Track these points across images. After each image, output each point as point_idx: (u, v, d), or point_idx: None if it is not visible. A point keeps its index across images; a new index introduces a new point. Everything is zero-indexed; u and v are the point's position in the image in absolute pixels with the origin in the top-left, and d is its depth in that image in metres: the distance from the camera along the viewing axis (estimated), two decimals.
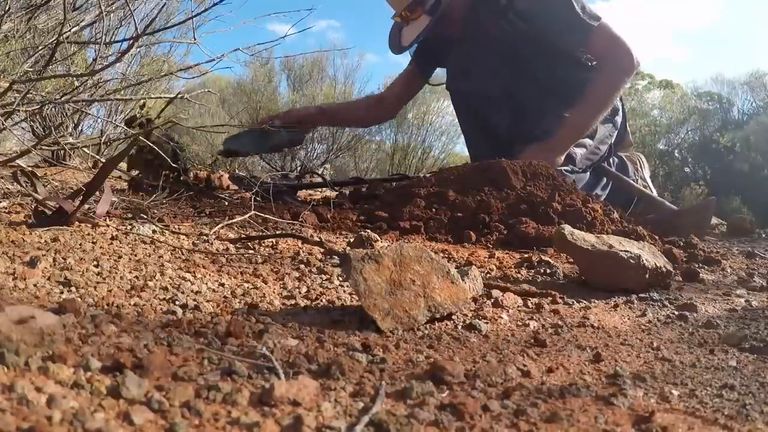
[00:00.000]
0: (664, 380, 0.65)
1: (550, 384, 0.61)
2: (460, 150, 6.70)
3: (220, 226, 1.35)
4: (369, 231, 1.40)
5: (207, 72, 2.06)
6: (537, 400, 0.56)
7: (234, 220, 1.44)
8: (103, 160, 1.53)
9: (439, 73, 2.83)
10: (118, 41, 2.26)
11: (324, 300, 0.89)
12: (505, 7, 2.16)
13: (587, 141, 2.28)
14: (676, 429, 0.52)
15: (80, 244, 1.05)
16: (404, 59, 2.62)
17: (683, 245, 1.60)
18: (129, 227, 1.23)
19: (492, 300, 0.96)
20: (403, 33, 2.33)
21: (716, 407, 0.58)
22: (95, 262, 0.94)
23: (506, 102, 2.33)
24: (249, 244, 1.24)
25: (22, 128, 2.79)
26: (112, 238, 1.13)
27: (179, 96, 1.86)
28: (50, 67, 1.70)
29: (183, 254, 1.08)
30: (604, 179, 2.39)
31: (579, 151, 2.25)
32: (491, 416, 0.52)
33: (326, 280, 1.01)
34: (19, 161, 1.75)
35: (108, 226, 1.22)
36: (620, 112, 2.43)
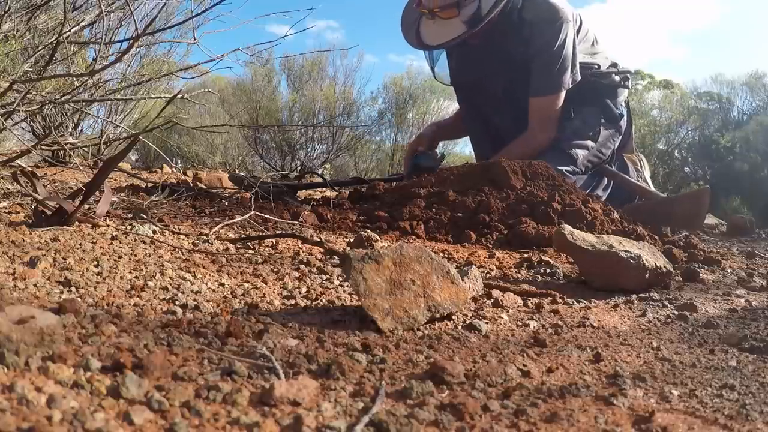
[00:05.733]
0: (664, 380, 0.65)
1: (550, 384, 0.61)
2: (460, 150, 6.70)
3: (220, 226, 1.35)
4: (369, 231, 1.40)
5: (207, 72, 2.06)
6: (537, 400, 0.56)
7: (234, 220, 1.44)
8: (104, 160, 1.53)
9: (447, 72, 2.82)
10: (118, 41, 2.26)
11: (324, 300, 0.89)
12: (516, 30, 2.19)
13: (589, 143, 2.29)
14: (676, 429, 0.52)
15: (80, 244, 1.05)
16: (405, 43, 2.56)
17: (683, 245, 1.60)
18: (129, 227, 1.23)
19: (492, 300, 0.96)
20: (424, 26, 2.27)
21: (716, 407, 0.58)
22: (95, 262, 0.94)
23: (508, 103, 2.34)
24: (249, 244, 1.24)
25: (22, 128, 2.79)
26: (112, 238, 1.13)
27: (179, 96, 1.86)
28: (50, 67, 1.70)
29: (183, 254, 1.08)
30: (605, 180, 2.40)
31: (581, 153, 2.25)
32: (491, 416, 0.52)
33: (326, 280, 1.01)
34: (19, 161, 1.75)
35: (108, 226, 1.22)
36: (625, 117, 2.44)
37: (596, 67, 2.33)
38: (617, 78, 2.38)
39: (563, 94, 2.22)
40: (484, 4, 2.11)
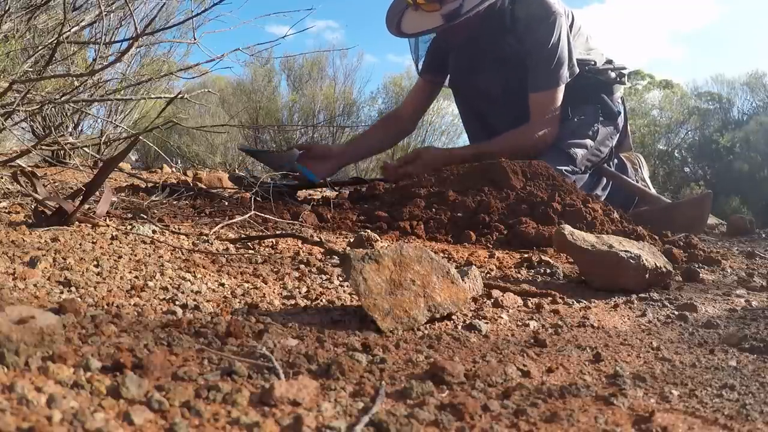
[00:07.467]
0: (664, 380, 0.65)
1: (550, 384, 0.61)
2: None
3: (220, 226, 1.35)
4: (369, 231, 1.40)
5: (207, 72, 2.07)
6: (537, 400, 0.56)
7: (234, 220, 1.44)
8: (104, 160, 1.53)
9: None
10: (118, 41, 2.26)
11: (324, 300, 0.89)
12: (509, 29, 2.21)
13: (588, 142, 2.29)
14: (676, 429, 0.52)
15: (80, 244, 1.05)
16: (403, 43, 2.55)
17: (683, 245, 1.60)
18: (129, 227, 1.23)
19: (492, 300, 0.96)
20: (406, 16, 2.29)
21: (716, 407, 0.58)
22: (95, 262, 0.94)
23: (505, 102, 2.34)
24: (249, 244, 1.24)
25: (22, 128, 2.79)
26: (112, 238, 1.13)
27: (179, 96, 1.86)
28: (50, 67, 1.70)
29: (183, 254, 1.08)
30: (604, 180, 2.40)
31: (580, 152, 2.25)
32: (491, 416, 0.52)
33: (326, 280, 1.01)
34: (19, 161, 1.75)
35: (108, 226, 1.22)
36: (622, 114, 2.44)
37: (593, 63, 2.34)
38: (613, 74, 2.38)
39: (563, 88, 2.22)
40: (467, 4, 2.12)
